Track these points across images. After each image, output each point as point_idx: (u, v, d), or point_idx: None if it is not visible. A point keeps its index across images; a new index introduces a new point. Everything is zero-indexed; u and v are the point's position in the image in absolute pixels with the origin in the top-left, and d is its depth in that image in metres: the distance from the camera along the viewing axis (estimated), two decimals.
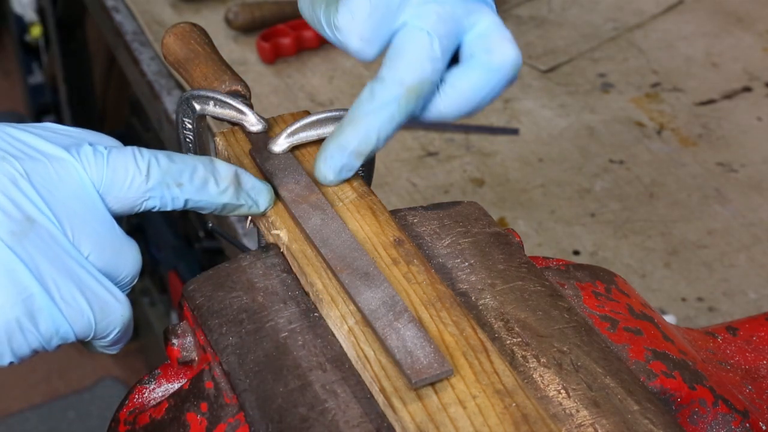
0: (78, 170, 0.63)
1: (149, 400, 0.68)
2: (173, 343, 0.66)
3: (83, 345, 0.66)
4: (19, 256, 0.59)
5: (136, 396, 0.68)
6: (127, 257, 0.65)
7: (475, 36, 0.69)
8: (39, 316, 0.60)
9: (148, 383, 0.68)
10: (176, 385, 0.68)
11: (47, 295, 0.60)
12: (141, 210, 0.65)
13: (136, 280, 0.66)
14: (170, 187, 0.65)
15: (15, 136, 0.63)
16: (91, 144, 0.64)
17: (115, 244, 0.64)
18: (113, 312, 0.63)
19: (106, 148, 0.64)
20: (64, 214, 0.62)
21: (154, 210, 0.66)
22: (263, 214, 0.70)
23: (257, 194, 0.69)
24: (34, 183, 0.61)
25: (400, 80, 0.67)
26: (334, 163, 0.70)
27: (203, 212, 0.68)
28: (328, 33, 0.70)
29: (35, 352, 0.62)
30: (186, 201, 0.66)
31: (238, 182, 0.68)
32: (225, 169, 0.67)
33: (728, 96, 1.54)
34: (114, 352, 0.67)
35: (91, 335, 0.63)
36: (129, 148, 0.65)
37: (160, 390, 0.68)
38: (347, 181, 0.72)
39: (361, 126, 0.69)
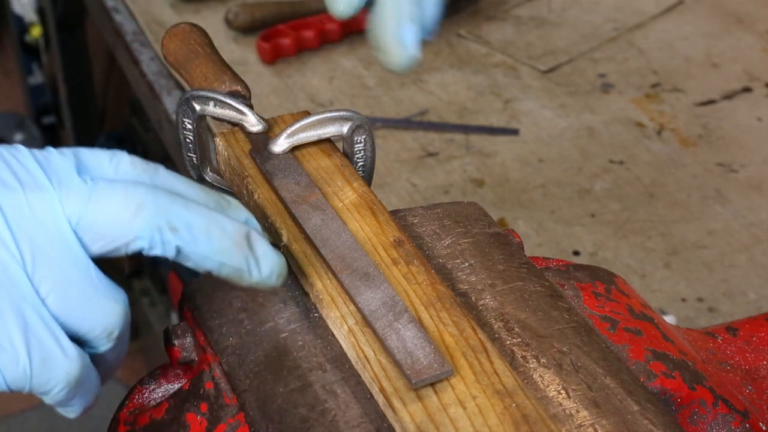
0: (54, 202, 0.56)
1: (149, 401, 0.68)
2: (173, 343, 0.66)
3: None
4: None
5: (136, 396, 0.68)
6: (99, 307, 0.56)
7: None
8: None
9: (148, 383, 0.68)
10: (176, 386, 0.68)
11: None
12: (128, 251, 0.57)
13: (114, 335, 0.58)
14: (162, 230, 0.57)
15: (20, 160, 0.57)
16: (82, 174, 0.57)
17: (86, 290, 0.56)
18: (56, 367, 0.55)
19: (92, 179, 0.57)
20: (28, 247, 0.55)
21: (142, 252, 0.57)
22: (266, 287, 0.62)
23: (266, 263, 0.60)
24: (5, 210, 0.55)
25: None
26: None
27: (195, 268, 0.59)
28: None
29: None
30: (178, 249, 0.57)
31: (248, 244, 0.59)
32: (236, 224, 0.59)
33: (728, 96, 1.54)
34: (71, 416, 0.60)
35: (27, 388, 0.55)
36: (121, 182, 0.57)
37: (160, 390, 0.68)
38: (347, 181, 0.72)
39: None
